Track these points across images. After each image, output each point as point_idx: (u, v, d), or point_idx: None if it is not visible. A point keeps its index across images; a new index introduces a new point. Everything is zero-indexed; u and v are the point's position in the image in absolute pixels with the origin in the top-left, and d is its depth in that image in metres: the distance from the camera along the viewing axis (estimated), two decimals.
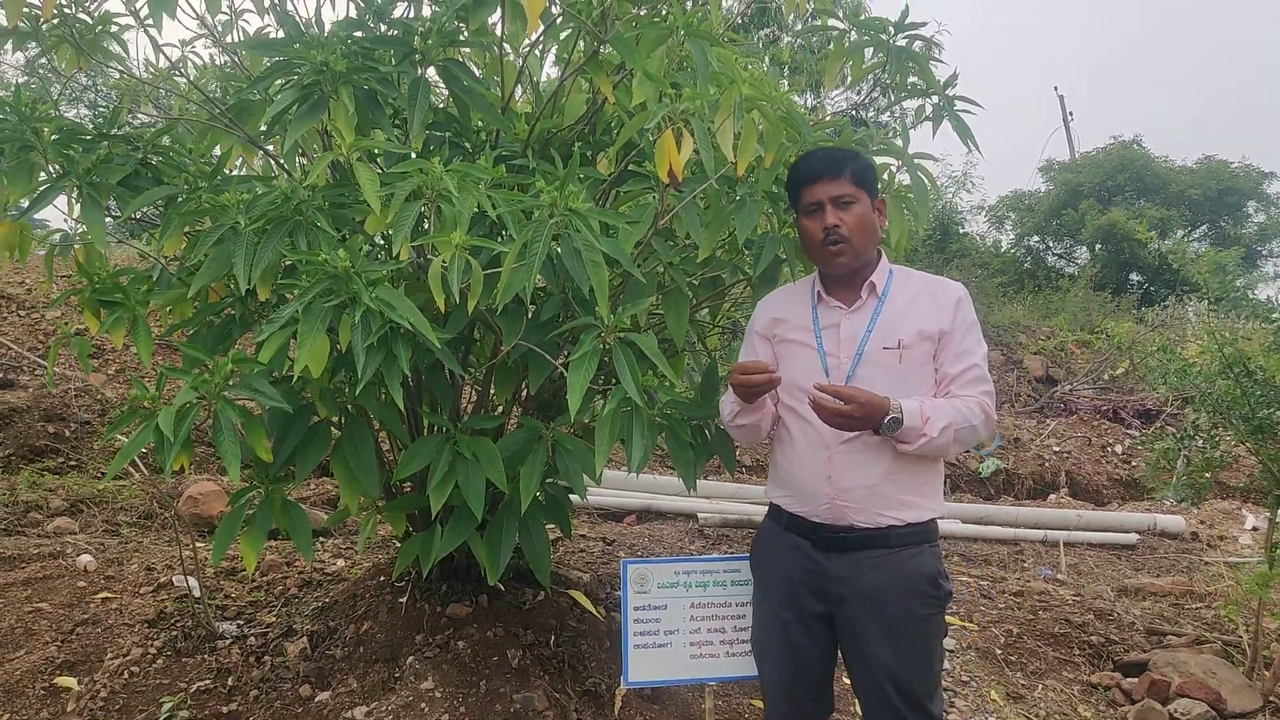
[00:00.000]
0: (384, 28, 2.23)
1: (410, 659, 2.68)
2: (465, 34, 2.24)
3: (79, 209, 2.18)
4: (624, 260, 1.99)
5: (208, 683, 2.66)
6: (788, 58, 2.94)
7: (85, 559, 3.49)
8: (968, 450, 8.45)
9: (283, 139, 2.16)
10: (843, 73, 2.60)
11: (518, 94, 2.71)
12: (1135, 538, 5.74)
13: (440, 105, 2.60)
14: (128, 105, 2.56)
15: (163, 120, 2.59)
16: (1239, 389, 3.58)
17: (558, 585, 3.17)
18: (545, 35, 2.45)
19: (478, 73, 2.58)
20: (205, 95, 2.46)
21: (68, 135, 2.25)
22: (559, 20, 2.31)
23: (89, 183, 2.19)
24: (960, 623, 3.85)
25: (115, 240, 2.88)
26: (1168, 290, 14.18)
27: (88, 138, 2.30)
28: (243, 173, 2.66)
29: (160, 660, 2.75)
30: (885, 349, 1.93)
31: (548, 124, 2.59)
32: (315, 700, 2.60)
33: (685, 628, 2.39)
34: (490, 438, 2.33)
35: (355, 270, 1.85)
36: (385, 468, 2.47)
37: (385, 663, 2.71)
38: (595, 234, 1.88)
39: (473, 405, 2.90)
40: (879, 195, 2.06)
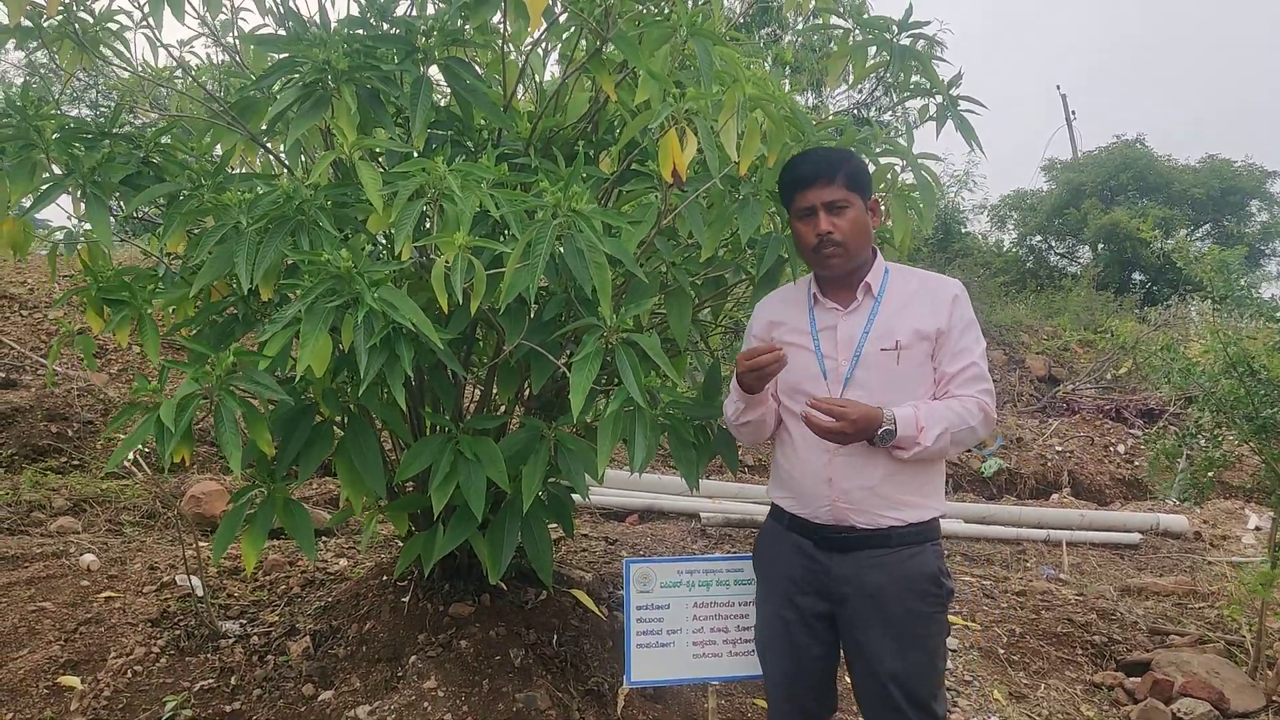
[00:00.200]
0: (386, 26, 2.23)
1: (413, 658, 2.68)
2: (468, 32, 2.23)
3: (84, 208, 2.18)
4: (627, 260, 1.98)
5: (211, 682, 2.66)
6: (790, 57, 2.93)
7: (88, 558, 3.50)
8: (970, 450, 8.44)
9: (285, 137, 2.16)
10: (845, 72, 2.59)
11: (520, 93, 2.71)
12: (1138, 537, 5.73)
13: (442, 104, 2.59)
14: (128, 104, 2.55)
15: (163, 120, 2.59)
16: (1243, 388, 3.58)
17: (560, 585, 3.17)
18: (548, 33, 2.45)
19: (480, 71, 2.58)
20: (208, 92, 2.46)
21: (70, 134, 2.24)
22: (561, 19, 2.31)
23: (92, 182, 2.19)
24: (963, 622, 3.85)
25: (119, 240, 2.87)
26: (1170, 290, 14.15)
27: (89, 136, 2.30)
28: (244, 172, 2.65)
29: (163, 659, 2.76)
30: (883, 350, 1.93)
31: (550, 123, 2.58)
32: (318, 699, 2.60)
33: (688, 627, 2.39)
34: (492, 437, 2.33)
35: (358, 270, 1.85)
36: (388, 467, 2.47)
37: (388, 662, 2.71)
38: (598, 234, 1.88)
39: (475, 405, 2.90)
40: (873, 195, 2.05)
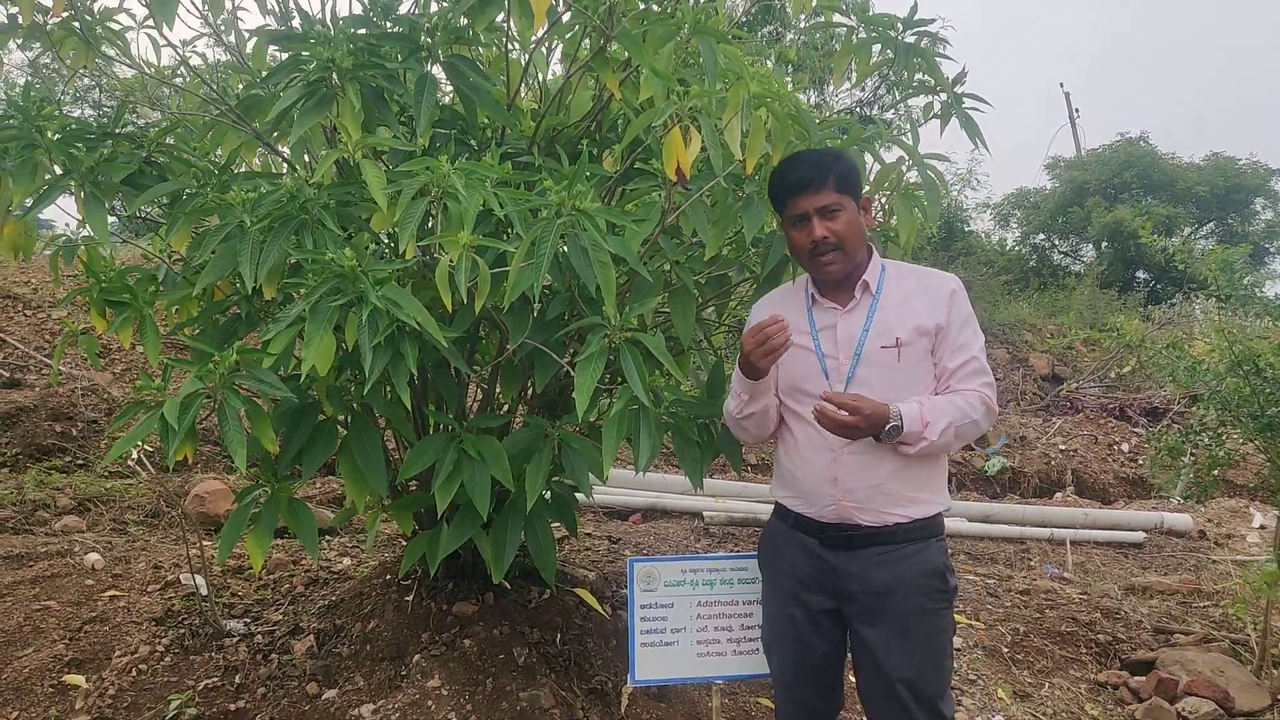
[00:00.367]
0: (389, 24, 2.22)
1: (417, 657, 2.68)
2: (472, 30, 2.23)
3: (83, 207, 2.18)
4: (631, 259, 1.98)
5: (215, 680, 2.67)
6: (794, 55, 2.92)
7: (93, 557, 3.50)
8: (973, 449, 8.43)
9: (289, 134, 2.16)
10: (848, 70, 2.59)
11: (523, 91, 2.70)
12: (1142, 536, 5.72)
13: (445, 102, 2.59)
14: (129, 104, 2.55)
15: (167, 119, 2.59)
16: (1248, 386, 3.57)
17: (563, 583, 3.16)
18: (551, 32, 2.44)
19: (484, 70, 2.57)
20: (213, 89, 2.46)
21: (71, 135, 2.24)
22: (565, 17, 2.30)
23: (92, 181, 2.19)
24: (967, 621, 3.84)
25: (120, 240, 2.87)
26: (1175, 288, 14.12)
27: (91, 136, 2.30)
28: (247, 171, 2.65)
29: (168, 658, 2.76)
30: (883, 348, 1.93)
31: (554, 121, 2.58)
32: (322, 698, 2.60)
33: (692, 626, 2.39)
34: (496, 436, 2.33)
35: (362, 269, 1.84)
36: (391, 466, 2.47)
37: (392, 661, 2.71)
38: (602, 233, 1.88)
39: (478, 404, 2.90)
40: (864, 194, 2.04)
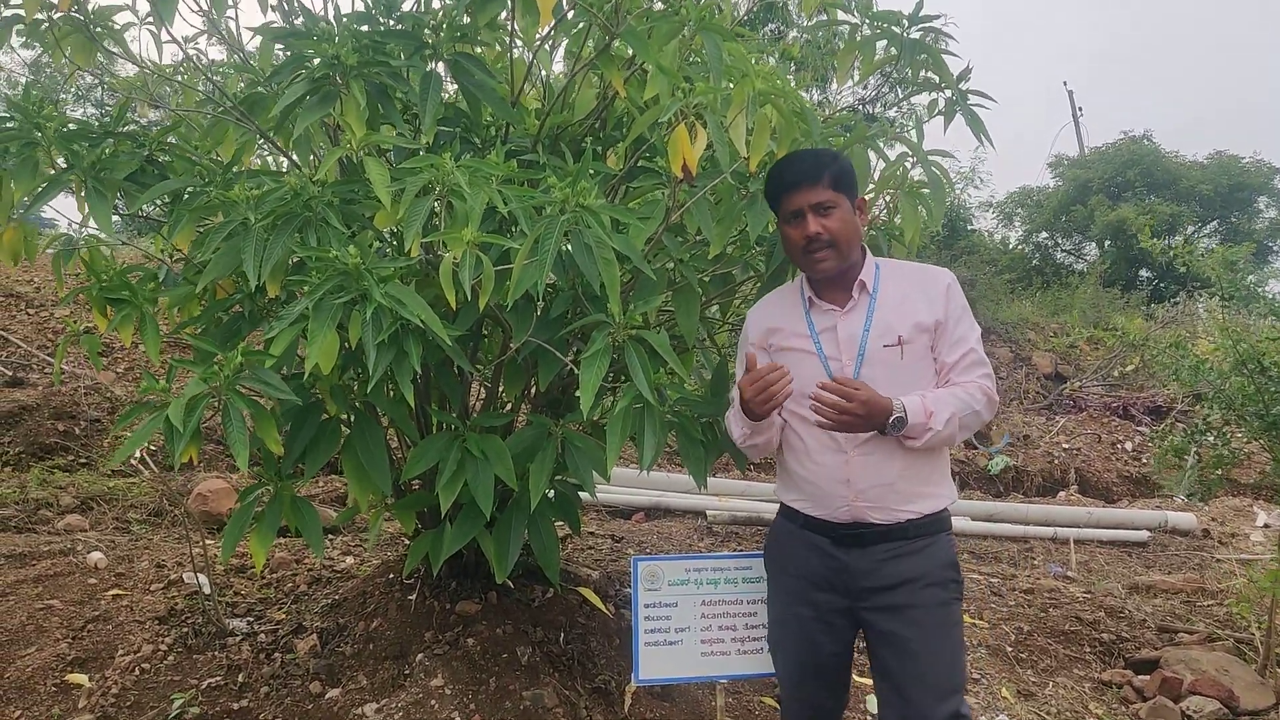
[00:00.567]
0: (392, 22, 2.22)
1: (420, 656, 2.67)
2: (478, 28, 2.22)
3: (86, 204, 2.18)
4: (635, 257, 1.97)
5: (218, 679, 2.66)
6: (797, 53, 2.91)
7: (96, 556, 3.50)
8: (977, 448, 8.43)
9: (293, 130, 2.15)
10: (851, 67, 2.58)
11: (527, 89, 2.70)
12: (1146, 535, 5.71)
13: (449, 100, 2.59)
14: (130, 103, 2.54)
15: (169, 118, 2.58)
16: (1253, 385, 3.57)
17: (567, 582, 3.16)
18: (556, 29, 2.43)
19: (488, 67, 2.57)
20: (217, 87, 2.46)
21: (72, 135, 2.24)
22: (569, 15, 2.30)
23: (94, 177, 2.18)
24: (971, 620, 3.84)
25: (121, 240, 2.87)
26: (1178, 286, 14.09)
27: (93, 134, 2.29)
28: (250, 169, 2.65)
29: (171, 657, 2.76)
30: (886, 346, 1.93)
31: (558, 119, 2.57)
32: (325, 697, 2.60)
33: (696, 625, 2.38)
34: (499, 435, 2.32)
35: (366, 267, 1.84)
36: (394, 465, 2.46)
37: (395, 660, 2.70)
38: (606, 230, 1.87)
39: (481, 402, 2.89)
40: (860, 194, 2.05)
